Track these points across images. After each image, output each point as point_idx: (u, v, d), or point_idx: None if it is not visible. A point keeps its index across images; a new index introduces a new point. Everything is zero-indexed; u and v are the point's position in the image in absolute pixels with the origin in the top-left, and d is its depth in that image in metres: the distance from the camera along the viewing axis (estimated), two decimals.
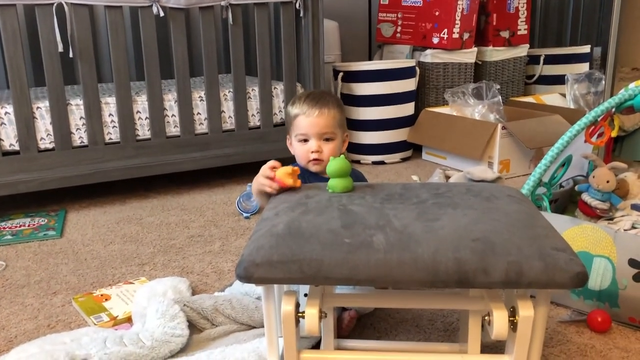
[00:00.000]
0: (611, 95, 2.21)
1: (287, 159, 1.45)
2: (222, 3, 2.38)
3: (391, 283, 0.85)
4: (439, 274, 0.84)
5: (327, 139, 1.36)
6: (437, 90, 3.14)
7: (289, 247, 0.88)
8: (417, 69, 3.02)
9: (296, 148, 1.39)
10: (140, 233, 2.05)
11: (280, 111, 2.62)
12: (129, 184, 2.54)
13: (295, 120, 1.37)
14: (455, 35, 3.06)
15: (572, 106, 3.19)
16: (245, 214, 2.19)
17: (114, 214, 2.25)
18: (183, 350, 1.28)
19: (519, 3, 3.36)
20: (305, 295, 0.97)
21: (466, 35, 3.11)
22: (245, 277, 0.87)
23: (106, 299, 1.54)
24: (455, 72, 3.14)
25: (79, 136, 2.26)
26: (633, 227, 1.65)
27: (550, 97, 3.33)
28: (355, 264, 0.85)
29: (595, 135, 1.75)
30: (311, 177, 1.37)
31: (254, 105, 2.57)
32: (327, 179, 1.14)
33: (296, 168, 1.17)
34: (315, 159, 1.35)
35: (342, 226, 0.92)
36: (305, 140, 1.36)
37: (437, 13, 3.08)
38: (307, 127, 1.34)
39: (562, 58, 3.60)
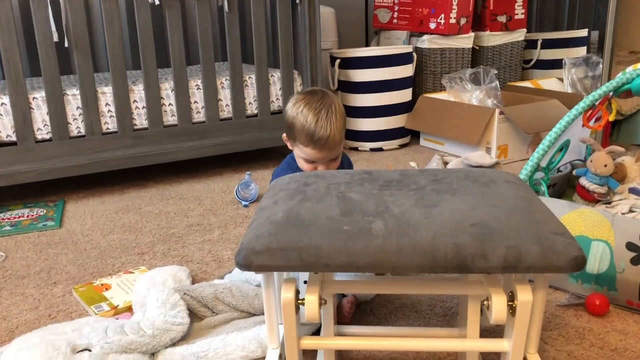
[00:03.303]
0: (609, 79, 2.21)
1: (287, 148, 1.45)
2: None
3: (390, 269, 0.85)
4: (437, 260, 0.84)
5: (333, 159, 1.38)
6: (434, 76, 3.13)
7: (288, 235, 0.88)
8: (414, 54, 3.01)
9: (300, 163, 1.39)
10: (139, 222, 2.06)
11: (277, 99, 2.62)
12: (127, 173, 2.54)
13: (300, 143, 1.35)
14: (452, 21, 3.05)
15: (569, 90, 3.19)
16: (244, 202, 2.19)
17: (112, 204, 2.25)
18: (184, 338, 1.29)
19: None
20: (305, 282, 0.98)
21: (463, 20, 3.10)
22: (245, 265, 0.87)
23: (106, 289, 1.54)
24: (452, 57, 3.13)
25: (76, 126, 2.26)
26: (631, 211, 1.66)
27: (547, 81, 3.33)
28: (354, 251, 0.85)
29: (593, 120, 1.75)
30: None
31: (251, 93, 2.56)
32: None
33: None
34: None
35: (340, 213, 0.92)
36: (312, 161, 1.37)
37: None
38: (317, 157, 1.35)
39: (559, 42, 3.58)
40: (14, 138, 2.16)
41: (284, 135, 1.43)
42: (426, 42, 3.09)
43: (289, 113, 1.37)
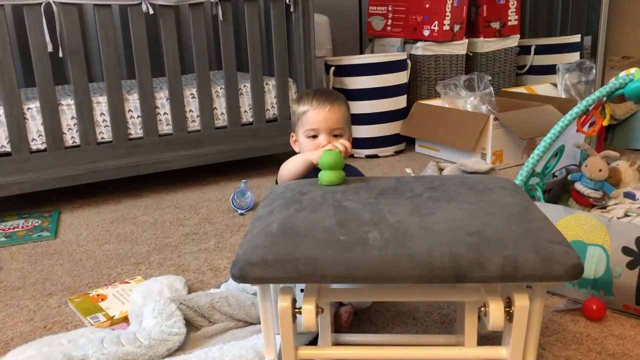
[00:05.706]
0: (602, 84, 2.22)
1: (283, 155, 1.45)
2: None
3: (387, 280, 0.85)
4: (435, 270, 0.84)
5: (336, 135, 1.34)
6: (429, 82, 3.14)
7: (284, 246, 0.88)
8: (408, 61, 3.02)
9: (303, 144, 1.36)
10: (135, 232, 2.05)
11: (272, 107, 2.62)
12: (122, 183, 2.53)
13: (303, 116, 1.35)
14: (446, 27, 3.06)
15: (563, 96, 3.20)
16: (240, 211, 2.19)
17: (108, 214, 2.24)
18: (180, 348, 1.29)
19: None
20: (302, 290, 0.97)
21: (457, 27, 3.11)
22: (241, 277, 0.87)
23: (102, 299, 1.53)
24: (446, 64, 3.14)
25: (71, 136, 2.25)
26: (626, 215, 1.66)
27: (541, 87, 3.34)
28: (350, 262, 0.85)
29: (587, 125, 1.76)
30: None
31: (246, 101, 2.56)
32: None
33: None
34: None
35: (336, 223, 0.92)
36: (314, 136, 1.34)
37: (427, 5, 3.08)
38: (318, 121, 1.32)
39: (552, 48, 3.60)
40: (8, 149, 2.15)
41: (291, 135, 1.43)
42: (420, 49, 3.10)
43: (293, 106, 1.41)
